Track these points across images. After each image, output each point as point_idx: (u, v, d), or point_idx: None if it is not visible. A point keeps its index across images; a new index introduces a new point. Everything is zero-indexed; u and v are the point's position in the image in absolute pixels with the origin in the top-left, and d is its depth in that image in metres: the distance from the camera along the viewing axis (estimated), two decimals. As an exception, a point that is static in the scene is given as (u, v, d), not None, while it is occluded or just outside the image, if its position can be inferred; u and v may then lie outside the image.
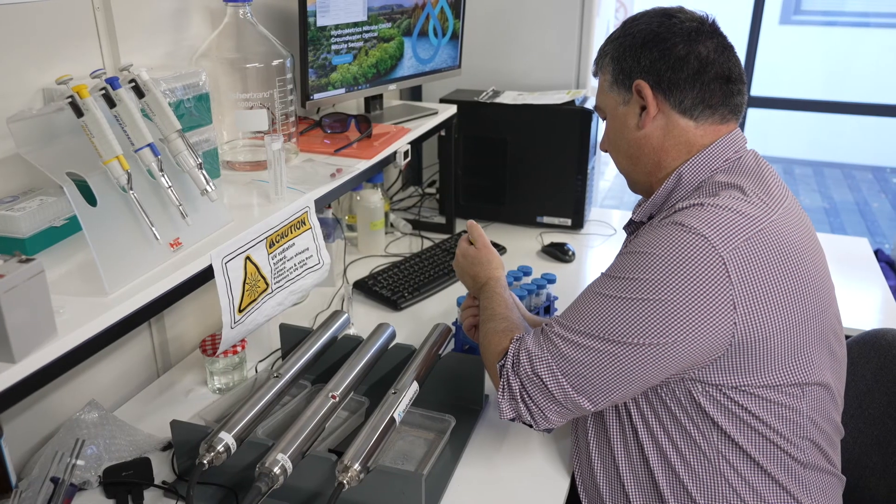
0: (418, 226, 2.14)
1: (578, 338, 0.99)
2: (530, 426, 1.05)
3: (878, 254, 2.03)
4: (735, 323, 0.93)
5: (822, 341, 1.01)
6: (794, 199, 1.05)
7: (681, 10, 1.07)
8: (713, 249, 0.92)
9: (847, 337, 1.14)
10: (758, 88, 3.57)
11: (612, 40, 1.10)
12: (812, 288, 0.99)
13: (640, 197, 1.20)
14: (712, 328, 0.93)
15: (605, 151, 1.19)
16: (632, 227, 1.17)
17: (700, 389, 0.99)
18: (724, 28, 1.07)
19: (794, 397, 0.99)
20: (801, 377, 0.99)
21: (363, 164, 1.48)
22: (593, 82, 2.22)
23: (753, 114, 3.72)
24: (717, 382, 0.98)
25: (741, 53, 1.09)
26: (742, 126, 4.18)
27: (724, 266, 0.92)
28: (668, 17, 1.06)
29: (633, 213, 1.15)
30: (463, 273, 1.32)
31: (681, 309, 0.92)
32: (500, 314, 1.16)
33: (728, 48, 1.05)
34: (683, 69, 1.03)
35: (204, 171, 1.05)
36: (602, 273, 1.04)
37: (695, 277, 0.92)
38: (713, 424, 1.00)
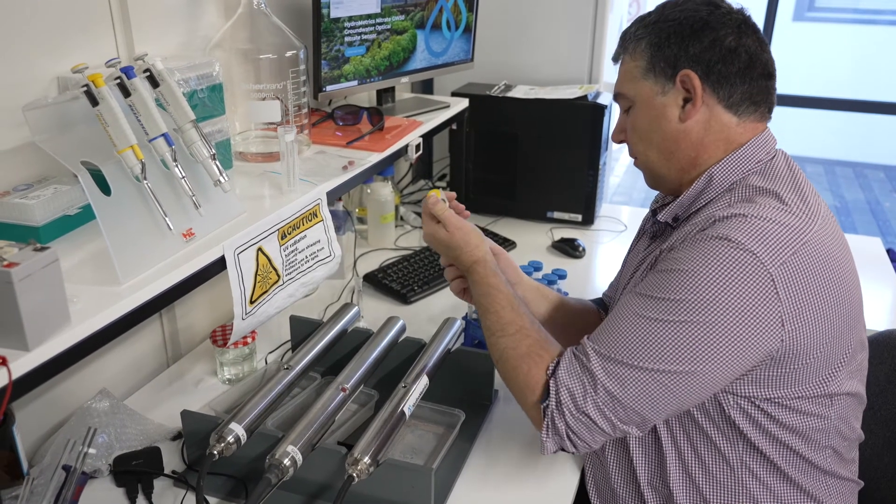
0: (428, 219, 2.13)
1: (624, 370, 0.92)
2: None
3: (890, 253, 2.00)
4: (782, 339, 0.90)
5: (852, 351, 1.00)
6: (826, 207, 1.01)
7: (722, 0, 1.02)
8: (761, 266, 0.88)
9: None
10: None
11: (647, 24, 1.03)
12: (848, 300, 0.97)
13: (654, 192, 1.16)
14: (760, 345, 0.90)
15: (621, 143, 1.11)
16: (657, 227, 1.12)
17: (731, 401, 0.96)
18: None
19: (823, 406, 0.98)
20: (833, 387, 0.97)
21: (375, 157, 1.48)
22: (606, 77, 2.24)
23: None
24: (750, 394, 0.95)
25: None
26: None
27: (772, 282, 0.88)
28: (715, 6, 1.00)
29: (657, 212, 1.11)
30: (439, 253, 1.18)
31: (731, 330, 0.89)
32: (509, 321, 1.04)
33: (765, 43, 1.01)
34: (734, 62, 0.98)
35: (217, 162, 1.05)
36: (637, 292, 0.97)
37: (744, 296, 0.88)
38: (739, 434, 0.98)
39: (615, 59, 1.10)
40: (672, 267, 0.93)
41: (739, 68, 0.98)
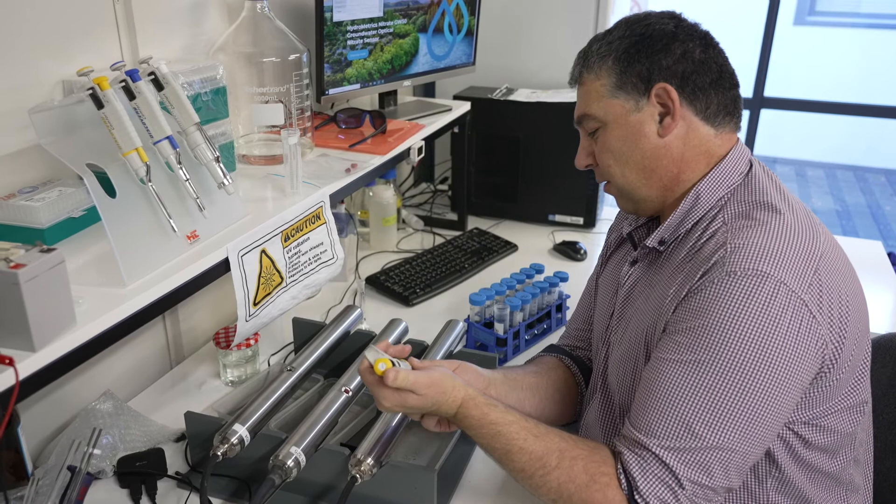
0: (430, 222, 2.14)
1: (701, 455, 0.87)
2: None
3: (891, 257, 2.01)
4: (823, 360, 0.90)
5: (868, 354, 0.99)
6: (810, 210, 1.00)
7: (680, 14, 1.01)
8: (793, 294, 0.86)
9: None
10: (771, 89, 3.54)
11: (612, 41, 0.99)
12: (861, 304, 0.96)
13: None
14: (811, 372, 0.90)
15: (588, 167, 1.07)
16: (640, 252, 1.07)
17: None
18: (739, 28, 1.04)
19: (852, 423, 0.98)
20: (864, 394, 0.98)
21: (378, 160, 1.48)
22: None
23: (766, 115, 3.70)
24: (790, 419, 0.94)
25: (755, 54, 1.06)
26: (754, 128, 4.04)
27: (806, 308, 0.87)
28: (679, 20, 0.99)
29: (635, 234, 1.09)
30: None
31: (786, 370, 0.87)
32: (544, 451, 0.92)
33: (726, 55, 1.00)
34: (706, 73, 0.96)
35: (221, 165, 1.05)
36: (673, 360, 0.90)
37: (788, 332, 0.86)
38: (772, 463, 0.96)
39: (573, 81, 1.05)
40: (705, 323, 0.88)
41: (712, 79, 0.97)
